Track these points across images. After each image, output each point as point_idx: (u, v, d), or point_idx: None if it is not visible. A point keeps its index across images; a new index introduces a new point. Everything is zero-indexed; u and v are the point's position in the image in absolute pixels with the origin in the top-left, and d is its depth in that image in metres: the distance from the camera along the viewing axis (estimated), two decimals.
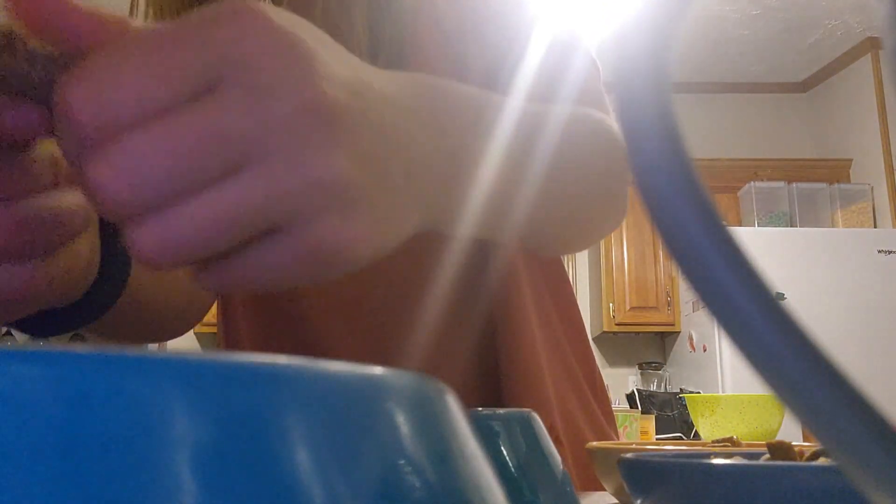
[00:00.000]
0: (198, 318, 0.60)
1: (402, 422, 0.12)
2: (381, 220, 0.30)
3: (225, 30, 0.26)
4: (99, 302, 0.41)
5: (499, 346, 0.65)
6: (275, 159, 0.26)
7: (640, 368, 4.21)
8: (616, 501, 0.51)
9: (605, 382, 0.78)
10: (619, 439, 0.77)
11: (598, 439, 0.70)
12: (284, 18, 0.27)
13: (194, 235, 0.25)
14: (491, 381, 0.65)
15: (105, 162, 0.24)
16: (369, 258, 0.30)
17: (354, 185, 0.27)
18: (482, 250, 0.63)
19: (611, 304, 4.03)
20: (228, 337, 0.69)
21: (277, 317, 0.67)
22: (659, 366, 4.18)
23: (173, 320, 0.55)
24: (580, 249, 0.67)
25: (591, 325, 4.28)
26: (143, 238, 0.25)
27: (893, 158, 3.80)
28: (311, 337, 0.65)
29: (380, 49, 0.58)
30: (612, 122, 0.56)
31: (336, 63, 0.29)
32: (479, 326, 0.65)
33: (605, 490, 0.61)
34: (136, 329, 0.51)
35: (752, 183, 3.99)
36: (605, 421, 0.73)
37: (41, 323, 0.40)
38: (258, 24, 0.26)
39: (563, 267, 0.76)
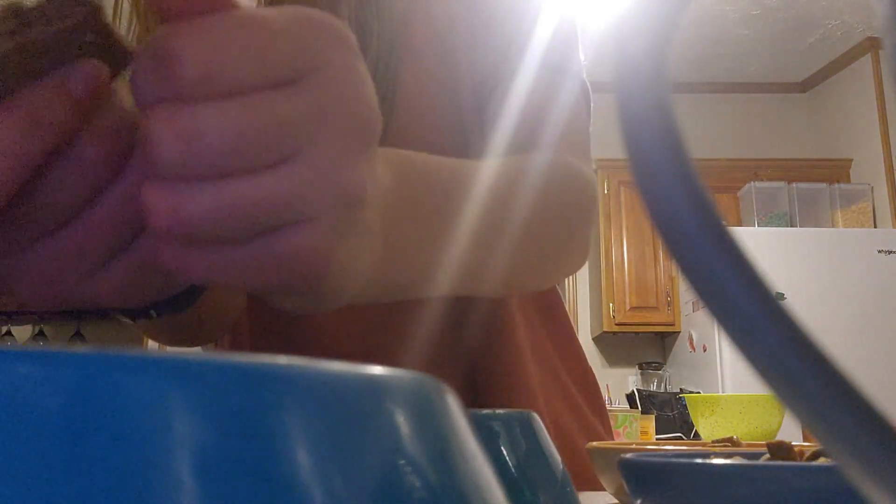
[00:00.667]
0: (230, 324, 0.61)
1: (402, 422, 0.12)
2: (363, 256, 0.31)
3: (316, 33, 0.28)
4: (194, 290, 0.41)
5: (486, 351, 0.65)
6: (316, 162, 0.27)
7: (640, 368, 4.21)
8: (616, 501, 0.51)
9: (606, 383, 0.78)
10: (613, 439, 0.77)
11: (590, 441, 0.70)
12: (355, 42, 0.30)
13: (209, 215, 0.26)
14: (475, 384, 0.65)
15: (176, 118, 0.25)
16: (330, 286, 0.30)
17: (367, 203, 0.29)
18: None
19: (611, 304, 4.03)
20: (227, 338, 0.69)
21: (277, 317, 0.67)
22: (659, 366, 4.18)
23: (220, 324, 0.57)
24: (538, 289, 0.69)
25: (591, 325, 4.28)
26: (161, 199, 0.25)
27: (893, 158, 3.80)
28: (309, 338, 0.65)
29: (368, 46, 0.58)
30: (588, 170, 0.57)
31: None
32: (472, 334, 0.65)
33: (604, 490, 0.61)
34: (203, 325, 0.52)
35: (752, 183, 3.99)
36: (598, 422, 0.73)
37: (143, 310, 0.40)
38: (341, 37, 0.29)
39: None
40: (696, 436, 2.88)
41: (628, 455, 0.30)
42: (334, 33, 0.28)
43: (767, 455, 0.33)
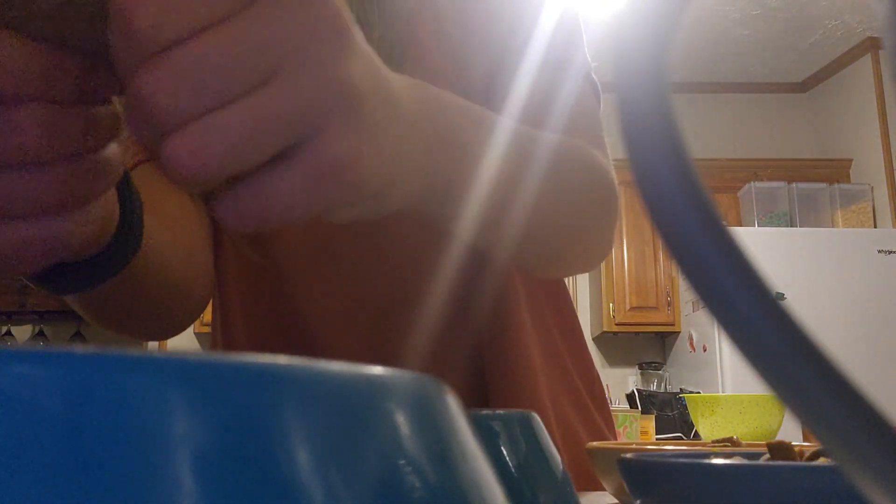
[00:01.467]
0: (201, 304, 0.59)
1: (402, 422, 0.12)
2: (385, 145, 0.32)
3: None
4: (120, 254, 0.41)
5: (493, 349, 0.65)
6: (301, 70, 0.27)
7: (640, 368, 4.21)
8: (616, 501, 0.51)
9: (606, 383, 0.78)
10: (615, 436, 0.77)
11: (593, 439, 0.70)
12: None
13: (226, 144, 0.26)
14: (484, 384, 0.65)
15: (152, 72, 0.26)
16: (372, 185, 0.31)
17: (365, 97, 0.29)
18: (479, 253, 0.63)
19: (611, 304, 4.03)
20: (226, 338, 0.69)
21: (275, 318, 0.67)
22: (659, 366, 4.18)
23: (182, 297, 0.55)
24: (563, 275, 0.69)
25: (591, 325, 4.28)
26: (178, 148, 0.26)
27: (893, 158, 3.80)
28: (308, 338, 0.65)
29: (369, 43, 0.59)
30: (606, 160, 0.58)
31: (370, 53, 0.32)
32: (475, 330, 0.65)
33: (604, 490, 0.61)
34: (149, 303, 0.51)
35: (752, 183, 3.99)
36: (603, 425, 0.73)
37: (63, 278, 0.40)
38: None
39: None
40: (696, 436, 2.88)
41: (628, 455, 0.30)
42: None
43: (767, 455, 0.33)
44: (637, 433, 1.61)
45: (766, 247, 3.36)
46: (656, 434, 3.11)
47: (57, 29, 0.28)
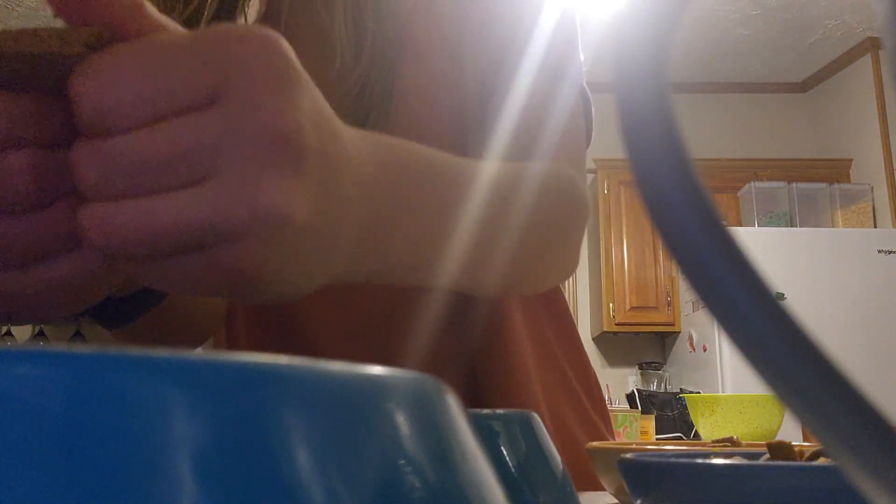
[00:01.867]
0: (213, 330, 0.61)
1: (402, 422, 0.12)
2: (307, 262, 0.31)
3: (231, 50, 0.27)
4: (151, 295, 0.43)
5: (486, 354, 0.65)
6: (230, 180, 0.27)
7: (640, 368, 4.21)
8: (616, 501, 0.51)
9: (606, 383, 0.78)
10: (614, 437, 0.77)
11: (591, 439, 0.70)
12: (289, 53, 0.29)
13: (132, 232, 0.27)
14: (477, 388, 0.65)
15: (84, 147, 0.27)
16: (284, 293, 0.31)
17: (294, 221, 0.28)
18: None
19: (611, 304, 4.03)
20: (228, 340, 0.69)
21: (274, 320, 0.67)
22: (659, 366, 4.18)
23: (209, 314, 0.57)
24: (528, 294, 0.69)
25: (591, 325, 4.28)
26: (88, 219, 0.27)
27: (893, 158, 3.80)
28: (306, 340, 0.65)
29: (363, 46, 0.58)
30: (581, 179, 0.58)
31: (318, 105, 0.30)
32: (469, 335, 0.65)
33: (604, 490, 0.61)
34: (180, 326, 0.53)
35: (752, 183, 3.99)
36: (602, 425, 0.73)
37: (111, 312, 0.42)
38: (261, 53, 0.28)
39: None
40: (696, 436, 2.88)
41: (628, 455, 0.30)
42: (250, 48, 0.28)
43: (767, 455, 0.33)
44: (637, 433, 1.61)
45: (766, 247, 3.36)
46: (656, 434, 3.11)
47: (38, 81, 0.29)
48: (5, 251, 0.30)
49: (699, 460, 0.27)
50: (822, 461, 0.31)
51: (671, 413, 3.56)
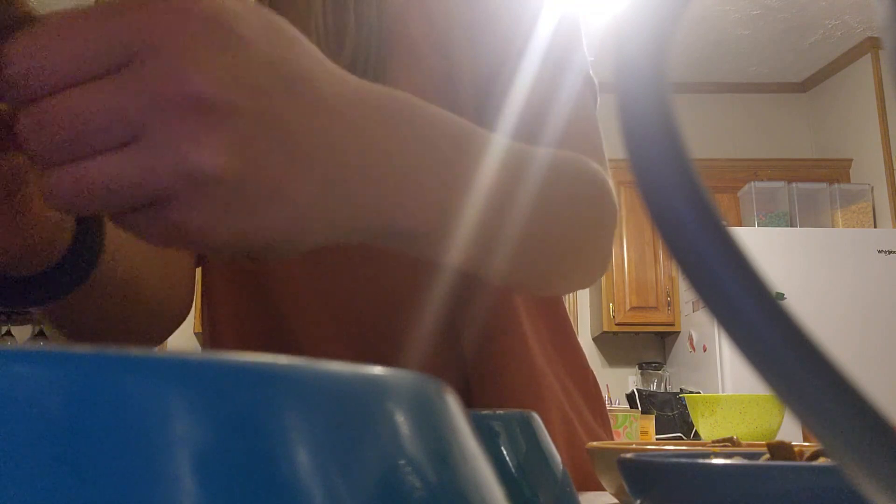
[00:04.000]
0: (178, 320, 0.59)
1: (402, 422, 0.12)
2: (263, 215, 0.31)
3: (149, 14, 0.29)
4: (79, 267, 0.42)
5: (480, 356, 0.64)
6: (155, 142, 0.28)
7: (640, 368, 4.21)
8: (616, 501, 0.51)
9: (606, 383, 0.78)
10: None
11: (590, 441, 0.70)
12: (229, 9, 0.30)
13: (82, 192, 0.29)
14: (469, 390, 0.65)
15: (26, 112, 0.28)
16: (242, 246, 0.32)
17: (224, 176, 0.29)
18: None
19: (611, 304, 4.02)
20: (213, 343, 0.69)
21: (263, 325, 0.66)
22: (659, 366, 4.18)
23: (154, 313, 0.54)
24: (562, 293, 0.67)
25: (591, 325, 4.28)
26: (48, 183, 0.29)
27: (893, 158, 3.79)
28: (296, 346, 0.64)
29: (344, 45, 0.58)
30: (604, 170, 0.55)
31: (258, 58, 0.30)
32: (464, 337, 0.64)
33: (604, 490, 0.61)
34: (118, 318, 0.50)
35: (752, 183, 3.99)
36: (598, 425, 0.73)
37: (21, 291, 0.41)
38: (183, 11, 0.29)
39: None
40: (696, 436, 2.88)
41: (628, 455, 0.30)
42: (170, 10, 0.29)
43: (767, 455, 0.33)
44: (637, 433, 1.61)
45: (766, 247, 3.36)
46: (656, 434, 3.11)
47: None
48: None
49: (699, 460, 0.27)
50: (822, 461, 0.31)
51: (671, 413, 3.56)
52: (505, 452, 0.33)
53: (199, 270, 0.68)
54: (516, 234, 0.44)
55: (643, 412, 3.09)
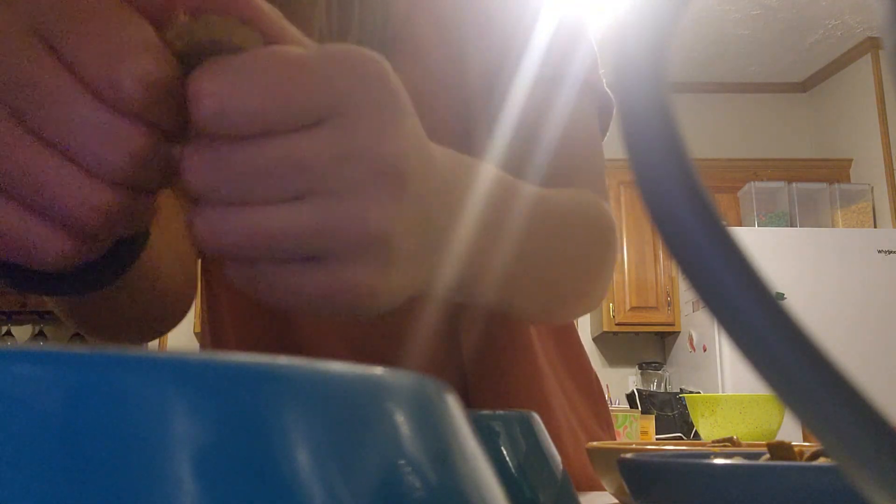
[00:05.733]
0: (186, 308, 0.58)
1: (402, 422, 0.12)
2: (403, 280, 0.32)
3: (350, 72, 0.29)
4: (121, 258, 0.41)
5: (494, 353, 0.64)
6: (337, 198, 0.28)
7: (640, 368, 4.21)
8: (616, 501, 0.51)
9: (606, 383, 0.78)
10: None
11: (590, 441, 0.70)
12: (395, 77, 0.31)
13: (242, 239, 0.28)
14: (467, 390, 0.65)
15: (197, 152, 0.28)
16: (382, 310, 0.32)
17: (396, 244, 0.30)
18: None
19: (611, 304, 4.02)
20: (216, 346, 0.68)
21: (264, 324, 0.66)
22: (659, 366, 4.18)
23: (170, 303, 0.54)
24: (556, 324, 0.69)
25: (591, 325, 4.28)
26: (199, 223, 0.28)
27: (893, 158, 3.80)
28: (297, 345, 0.64)
29: (347, 38, 0.58)
30: (606, 203, 0.58)
31: (418, 130, 0.32)
32: (464, 339, 0.64)
33: (604, 490, 0.61)
34: (139, 310, 0.50)
35: (752, 183, 3.99)
36: (599, 427, 0.73)
37: (54, 281, 0.40)
38: (375, 77, 0.29)
39: None
40: (696, 436, 2.88)
41: (628, 455, 0.30)
42: (366, 72, 0.29)
43: (767, 455, 0.33)
44: (637, 433, 1.61)
45: (766, 247, 3.36)
46: (656, 434, 3.11)
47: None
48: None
49: (699, 460, 0.27)
50: (822, 461, 0.31)
51: (671, 413, 3.56)
52: (505, 452, 0.33)
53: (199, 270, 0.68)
54: (538, 279, 0.47)
55: (643, 412, 3.09)
